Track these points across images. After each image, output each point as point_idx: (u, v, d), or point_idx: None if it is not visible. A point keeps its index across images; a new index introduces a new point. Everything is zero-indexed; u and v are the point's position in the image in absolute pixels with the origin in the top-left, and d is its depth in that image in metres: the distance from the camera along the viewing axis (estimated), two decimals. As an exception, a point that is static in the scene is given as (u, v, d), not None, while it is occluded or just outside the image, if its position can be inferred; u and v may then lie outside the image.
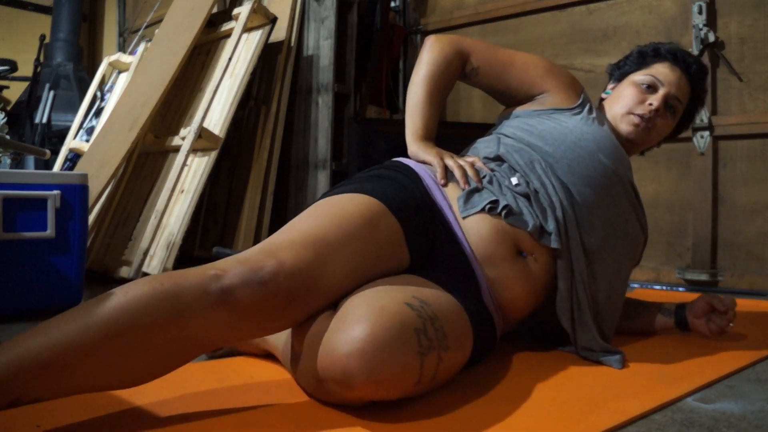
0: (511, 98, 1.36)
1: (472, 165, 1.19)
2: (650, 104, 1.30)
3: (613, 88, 1.40)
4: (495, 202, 1.11)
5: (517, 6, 2.93)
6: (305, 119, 2.84)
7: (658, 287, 2.39)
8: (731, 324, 1.32)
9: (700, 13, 2.37)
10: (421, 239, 1.05)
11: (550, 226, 1.13)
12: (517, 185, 1.15)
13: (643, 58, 1.37)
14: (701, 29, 2.37)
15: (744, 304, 1.78)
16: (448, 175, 1.16)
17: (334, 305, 0.91)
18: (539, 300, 1.17)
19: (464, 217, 1.10)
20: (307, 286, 0.85)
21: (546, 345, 1.26)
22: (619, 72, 1.41)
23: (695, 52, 2.38)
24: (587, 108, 1.31)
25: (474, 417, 0.87)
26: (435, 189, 1.14)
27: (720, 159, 2.39)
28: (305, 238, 0.89)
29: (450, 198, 1.13)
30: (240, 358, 1.18)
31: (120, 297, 0.75)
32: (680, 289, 2.36)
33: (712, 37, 2.35)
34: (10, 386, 0.70)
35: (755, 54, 2.32)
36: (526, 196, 1.14)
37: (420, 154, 1.22)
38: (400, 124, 1.33)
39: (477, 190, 1.14)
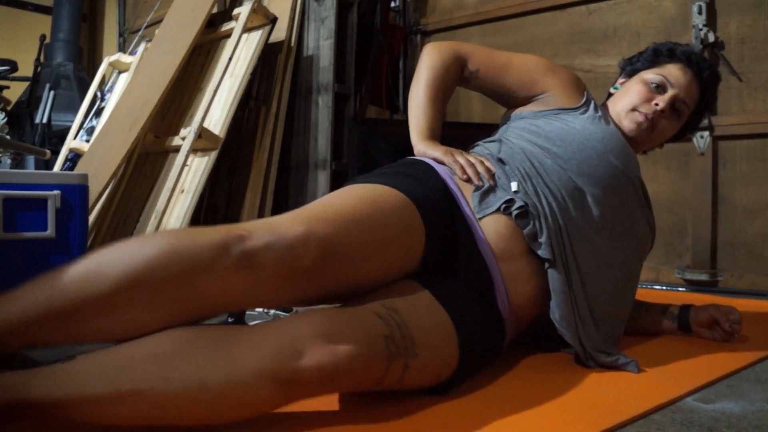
0: (512, 99, 1.36)
1: (482, 162, 1.19)
2: (656, 104, 1.29)
3: (622, 83, 1.38)
4: (510, 202, 1.12)
5: (517, 6, 2.93)
6: (305, 119, 2.84)
7: (658, 287, 2.39)
8: (736, 336, 1.34)
9: (699, 13, 2.37)
10: (440, 240, 1.05)
11: (542, 235, 1.12)
12: (516, 192, 1.15)
13: (657, 56, 1.36)
14: (701, 29, 2.37)
15: (744, 304, 1.78)
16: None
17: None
18: (549, 299, 1.16)
19: (480, 218, 1.10)
20: (333, 256, 0.82)
21: (550, 347, 1.25)
22: (630, 68, 1.39)
23: (695, 52, 2.38)
24: (592, 106, 1.30)
25: (474, 417, 0.87)
26: (453, 186, 1.14)
27: (720, 159, 2.39)
28: (334, 208, 0.88)
29: (467, 195, 1.14)
30: (240, 358, 1.18)
31: (136, 248, 0.74)
32: (680, 289, 2.36)
33: (711, 38, 2.35)
34: (25, 332, 0.73)
35: (755, 54, 2.32)
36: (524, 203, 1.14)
37: (429, 152, 1.22)
38: (401, 124, 1.33)
39: (491, 189, 1.14)
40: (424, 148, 1.23)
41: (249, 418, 0.76)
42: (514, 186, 1.16)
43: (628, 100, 1.31)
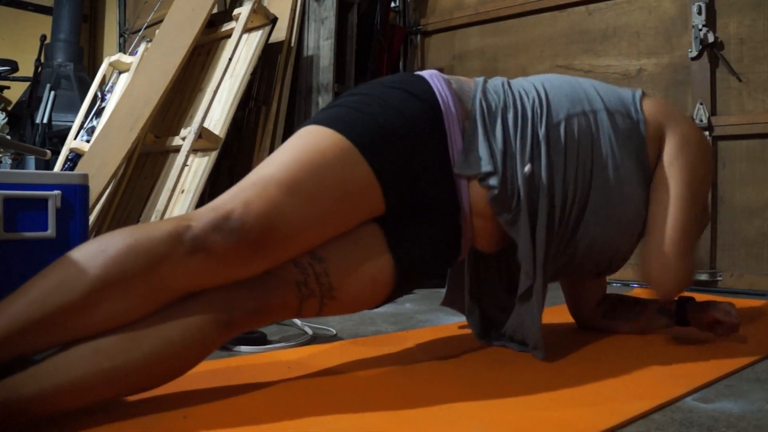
0: None
1: None
2: None
3: None
4: (490, 176, 1.08)
5: (517, 6, 2.94)
6: (305, 119, 2.84)
7: (657, 287, 2.38)
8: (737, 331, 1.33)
9: (699, 13, 2.37)
10: (404, 184, 1.04)
11: (519, 220, 1.10)
12: (526, 175, 1.10)
13: None
14: (701, 30, 2.37)
15: (743, 304, 1.78)
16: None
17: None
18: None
19: (456, 174, 1.08)
20: (276, 229, 0.88)
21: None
22: None
23: (695, 52, 2.39)
24: None
25: (474, 416, 0.87)
26: (451, 109, 1.08)
27: (720, 159, 2.39)
28: (273, 180, 0.91)
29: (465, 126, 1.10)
30: (240, 358, 1.18)
31: (97, 255, 0.81)
32: (680, 289, 2.36)
33: (711, 38, 2.35)
34: (11, 345, 0.77)
35: (754, 54, 2.32)
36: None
37: None
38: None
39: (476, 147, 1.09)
40: None
41: (200, 361, 0.89)
42: (527, 168, 1.10)
43: None
